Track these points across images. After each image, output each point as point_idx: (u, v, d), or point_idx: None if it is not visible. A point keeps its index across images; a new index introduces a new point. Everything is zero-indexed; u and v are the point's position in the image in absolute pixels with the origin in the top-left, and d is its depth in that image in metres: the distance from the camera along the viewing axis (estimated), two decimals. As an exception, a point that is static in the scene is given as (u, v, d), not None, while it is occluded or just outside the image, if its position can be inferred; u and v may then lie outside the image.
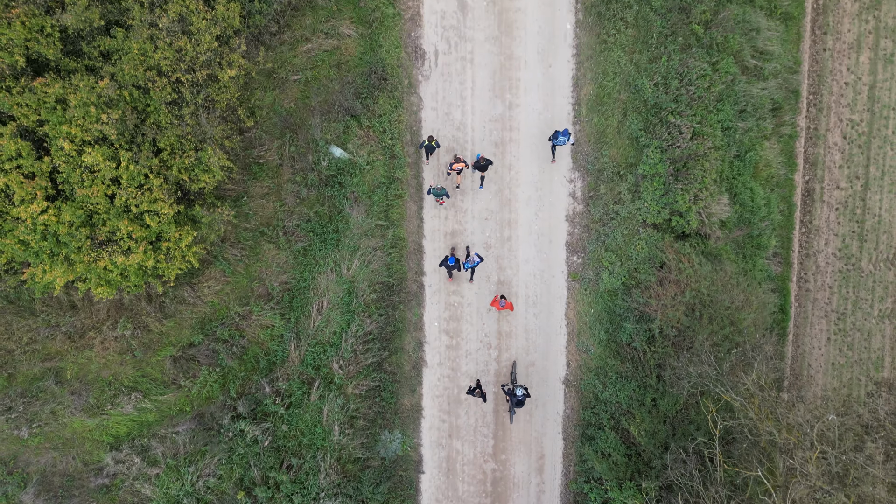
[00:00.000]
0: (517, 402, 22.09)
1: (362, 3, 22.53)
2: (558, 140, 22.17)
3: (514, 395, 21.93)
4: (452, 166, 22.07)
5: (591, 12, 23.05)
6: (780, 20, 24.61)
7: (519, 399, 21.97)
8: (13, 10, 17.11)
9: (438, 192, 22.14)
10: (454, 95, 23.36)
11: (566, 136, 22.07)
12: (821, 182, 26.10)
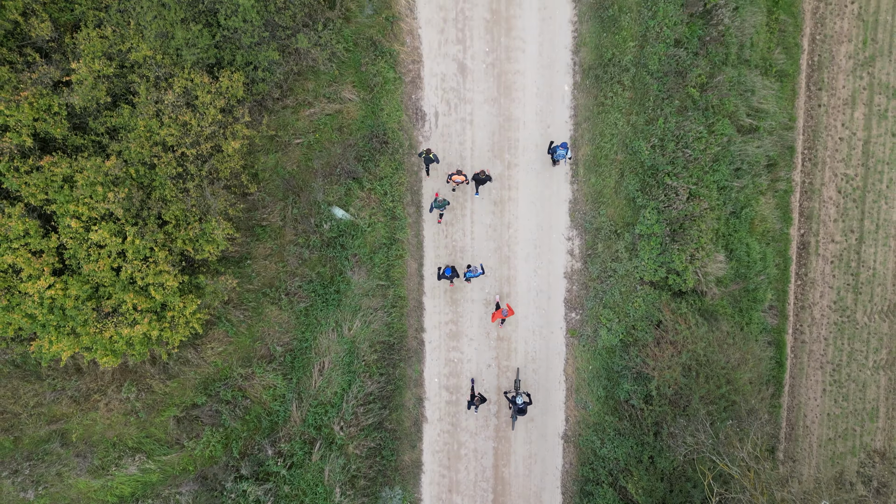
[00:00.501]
0: (519, 410, 22.24)
1: (364, 67, 22.88)
2: (557, 154, 22.49)
3: (515, 402, 22.09)
4: (452, 178, 22.33)
5: (589, 75, 23.41)
6: (775, 78, 24.97)
7: (520, 407, 22.11)
8: (22, 93, 17.46)
9: (440, 205, 22.44)
10: (454, 156, 23.70)
11: (564, 148, 22.31)
12: (816, 235, 26.44)
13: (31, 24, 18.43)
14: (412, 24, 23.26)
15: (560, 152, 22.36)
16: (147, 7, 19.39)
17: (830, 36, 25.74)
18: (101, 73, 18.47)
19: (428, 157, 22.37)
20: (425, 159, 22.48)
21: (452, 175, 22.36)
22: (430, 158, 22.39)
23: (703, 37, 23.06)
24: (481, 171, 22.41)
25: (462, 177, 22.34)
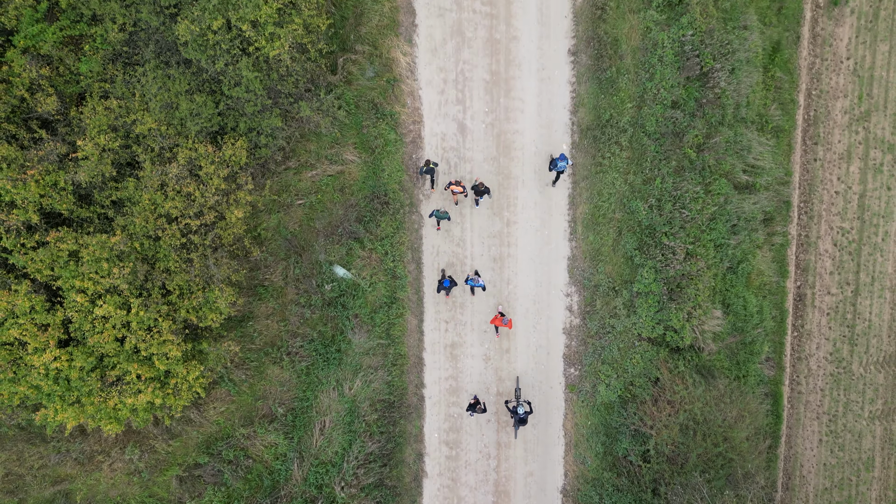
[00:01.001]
0: (520, 420, 22.43)
1: (365, 129, 23.17)
2: (558, 166, 22.65)
3: (516, 412, 22.27)
4: (451, 187, 22.48)
5: (587, 135, 23.71)
6: (771, 134, 25.26)
7: (521, 417, 22.30)
8: (28, 172, 17.74)
9: (441, 215, 22.66)
10: (454, 213, 23.97)
11: (564, 160, 22.50)
12: (812, 288, 26.70)
13: (37, 100, 18.72)
14: (413, 85, 23.56)
15: (561, 164, 22.50)
16: (152, 78, 19.70)
17: (826, 91, 26.05)
18: (106, 146, 18.74)
19: (430, 169, 22.49)
20: (427, 171, 22.55)
21: (451, 184, 22.47)
22: (431, 169, 22.52)
23: (700, 98, 23.36)
24: (480, 184, 22.55)
25: (460, 188, 22.45)
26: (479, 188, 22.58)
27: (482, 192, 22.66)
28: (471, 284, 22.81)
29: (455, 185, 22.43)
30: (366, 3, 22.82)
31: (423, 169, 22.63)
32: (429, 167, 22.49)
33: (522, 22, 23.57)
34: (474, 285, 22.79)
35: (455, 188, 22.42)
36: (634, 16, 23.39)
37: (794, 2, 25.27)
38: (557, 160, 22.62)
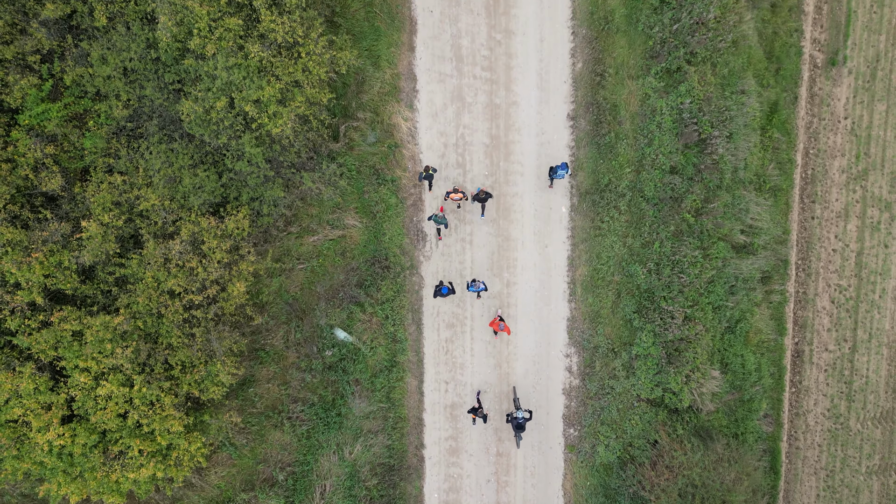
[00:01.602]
0: (518, 426, 22.51)
1: (367, 194, 23.36)
2: (557, 174, 22.71)
3: (515, 419, 22.37)
4: (451, 195, 22.48)
5: (586, 199, 23.90)
6: (769, 193, 25.45)
7: (520, 422, 22.37)
8: (33, 255, 17.91)
9: (439, 220, 22.64)
10: (454, 275, 24.15)
11: (564, 169, 22.57)
12: (810, 345, 26.87)
13: (41, 179, 18.91)
14: (413, 149, 23.76)
15: (560, 172, 22.53)
16: (156, 153, 19.90)
17: (824, 150, 26.25)
18: (110, 224, 18.92)
19: (429, 175, 22.48)
20: (427, 176, 22.53)
21: (451, 193, 22.44)
22: (430, 175, 22.50)
23: (699, 164, 23.54)
24: (481, 192, 22.57)
25: (460, 194, 22.41)
26: (481, 196, 22.56)
27: (484, 198, 22.60)
28: (472, 290, 22.79)
29: (454, 192, 22.34)
30: (367, 70, 23.03)
31: (422, 175, 22.55)
32: (428, 173, 22.40)
33: (522, 87, 23.78)
34: (476, 290, 22.75)
35: (454, 195, 22.32)
36: (633, 82, 23.60)
37: (792, 63, 25.50)
38: (558, 168, 22.59)
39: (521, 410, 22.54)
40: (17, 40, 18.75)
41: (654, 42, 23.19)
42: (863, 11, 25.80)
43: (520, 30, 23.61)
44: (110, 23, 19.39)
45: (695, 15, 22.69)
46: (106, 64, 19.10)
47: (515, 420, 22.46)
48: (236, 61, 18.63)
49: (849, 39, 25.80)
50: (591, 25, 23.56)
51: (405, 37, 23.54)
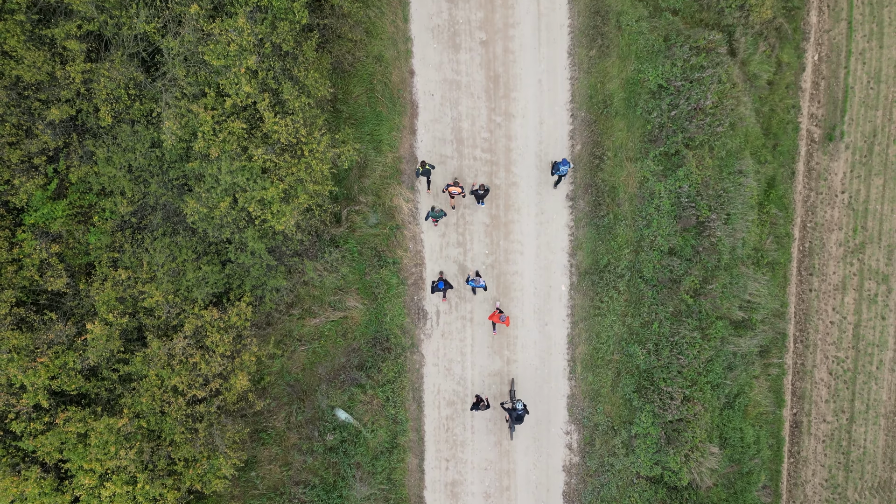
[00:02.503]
0: (517, 419, 22.59)
1: (368, 276, 23.58)
2: (560, 171, 22.73)
3: (513, 411, 22.47)
4: (449, 188, 22.51)
5: (585, 279, 24.11)
6: (767, 268, 25.66)
7: (518, 415, 22.47)
8: (39, 359, 18.12)
9: (437, 214, 22.68)
10: (455, 352, 24.36)
11: (566, 165, 22.57)
12: (808, 415, 27.05)
13: (46, 279, 19.13)
14: (415, 229, 23.99)
15: (563, 168, 22.55)
16: (160, 247, 20.12)
17: (821, 224, 26.49)
18: (114, 323, 19.13)
19: (426, 171, 22.50)
20: (423, 172, 22.55)
21: (449, 186, 22.47)
22: (427, 171, 22.53)
23: (697, 246, 23.77)
24: (480, 186, 22.62)
25: (458, 188, 22.43)
26: (479, 191, 22.59)
27: (482, 194, 22.66)
28: (472, 285, 22.85)
29: (453, 186, 22.35)
30: (369, 155, 23.28)
31: (419, 171, 22.57)
32: (425, 169, 22.41)
33: (521, 168, 24.02)
34: (475, 286, 22.81)
35: (453, 189, 22.34)
36: (632, 164, 23.84)
37: (790, 139, 25.76)
38: (560, 164, 22.59)
39: (518, 402, 22.50)
40: (24, 142, 18.98)
41: (652, 126, 23.45)
42: (860, 87, 26.07)
43: (519, 112, 23.87)
44: (115, 122, 19.63)
45: (692, 101, 22.95)
46: (111, 165, 19.33)
47: (515, 412, 22.47)
48: (240, 163, 18.87)
49: (846, 115, 26.06)
50: (589, 109, 23.81)
51: (406, 120, 23.79)
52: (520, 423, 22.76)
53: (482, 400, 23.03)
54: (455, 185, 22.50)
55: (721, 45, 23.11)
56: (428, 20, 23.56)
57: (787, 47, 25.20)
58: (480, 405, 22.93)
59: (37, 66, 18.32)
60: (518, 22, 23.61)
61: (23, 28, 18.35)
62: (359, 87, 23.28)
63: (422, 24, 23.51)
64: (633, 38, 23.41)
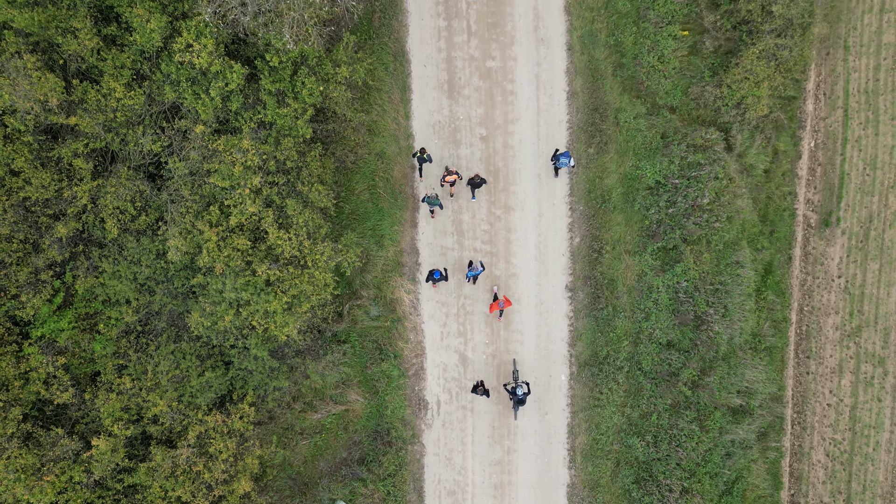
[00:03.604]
0: (519, 400, 22.73)
1: (369, 369, 23.84)
2: (560, 162, 22.77)
3: (515, 393, 22.57)
4: (445, 178, 22.55)
5: (585, 370, 24.37)
6: (764, 353, 25.91)
7: (520, 398, 22.61)
8: (45, 478, 18.37)
9: (433, 202, 22.66)
10: (455, 441, 24.59)
11: (567, 157, 22.64)
12: (806, 497, 27.26)
13: (53, 392, 19.39)
14: (415, 320, 24.27)
15: (563, 161, 22.60)
16: (164, 353, 20.39)
17: (818, 308, 26.76)
18: (119, 435, 19.38)
19: (422, 158, 22.56)
20: (419, 159, 22.64)
21: (445, 176, 22.50)
22: (423, 158, 22.58)
23: (695, 339, 24.04)
24: (476, 175, 22.68)
25: (454, 176, 22.44)
26: (475, 180, 22.62)
27: (478, 184, 22.68)
28: (470, 275, 22.97)
29: (449, 174, 22.34)
30: (371, 249, 23.57)
31: (415, 155, 22.59)
32: (422, 157, 22.47)
33: (521, 259, 24.32)
34: (474, 273, 22.88)
35: (449, 178, 22.35)
36: (630, 257, 24.13)
37: (786, 225, 26.05)
38: (561, 155, 22.61)
39: (521, 385, 22.66)
40: (31, 258, 19.27)
41: (650, 222, 23.76)
42: (856, 174, 26.39)
43: (518, 205, 24.18)
44: (121, 231, 19.93)
45: (690, 199, 23.26)
46: (117, 279, 19.62)
47: (516, 395, 22.62)
48: (244, 279, 19.15)
49: (842, 201, 26.36)
50: (588, 203, 24.13)
51: (408, 214, 24.10)
52: (522, 404, 22.78)
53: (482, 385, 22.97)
54: (450, 173, 22.39)
55: (718, 142, 23.45)
56: (429, 116, 23.91)
57: (783, 136, 25.52)
58: (478, 390, 22.89)
59: (44, 185, 18.62)
60: (517, 118, 23.95)
61: (30, 148, 18.67)
62: (361, 184, 23.60)
63: (423, 120, 23.85)
64: (632, 135, 23.74)
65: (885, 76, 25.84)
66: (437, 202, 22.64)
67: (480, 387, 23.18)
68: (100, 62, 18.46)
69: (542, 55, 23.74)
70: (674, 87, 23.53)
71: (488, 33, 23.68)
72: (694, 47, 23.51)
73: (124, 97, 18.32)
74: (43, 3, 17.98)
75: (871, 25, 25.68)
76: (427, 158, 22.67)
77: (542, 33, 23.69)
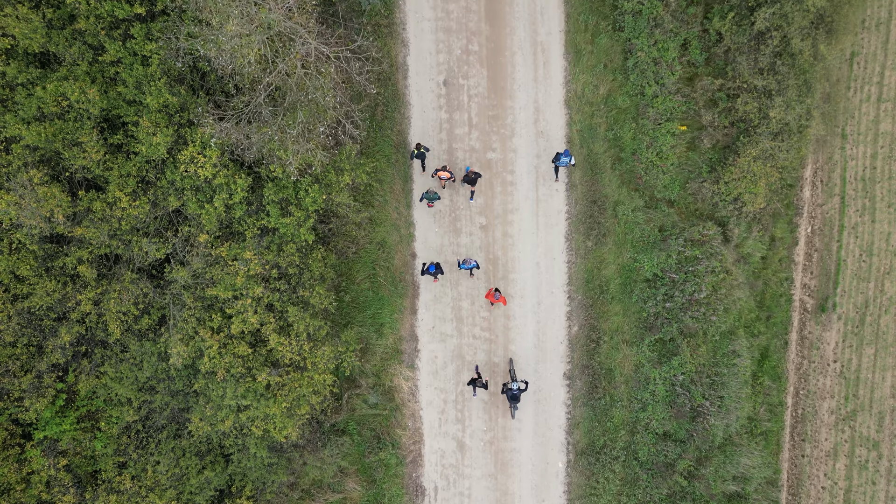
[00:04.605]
0: (513, 397, 22.69)
1: (368, 457, 24.01)
2: (560, 161, 22.77)
3: (510, 390, 22.53)
4: (438, 173, 22.50)
5: (582, 458, 24.54)
6: (760, 437, 26.09)
7: (514, 394, 22.56)
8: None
9: (431, 197, 22.71)
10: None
11: (567, 156, 22.61)
12: (801, 579, 27.40)
13: (54, 495, 19.56)
14: (414, 407, 24.46)
15: (563, 160, 22.59)
16: (165, 450, 20.57)
17: (814, 392, 26.95)
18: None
19: (419, 153, 22.54)
20: (418, 155, 22.60)
21: (438, 171, 22.46)
22: (421, 153, 22.57)
23: (691, 430, 24.22)
24: (470, 171, 22.66)
25: (448, 174, 22.42)
26: (470, 176, 22.61)
27: (473, 179, 22.65)
28: (463, 268, 22.99)
29: (442, 170, 22.36)
30: (371, 338, 23.79)
31: (413, 153, 22.66)
32: (419, 152, 22.49)
33: (519, 346, 24.53)
34: (467, 267, 22.91)
35: (442, 174, 22.35)
36: (628, 347, 24.34)
37: (783, 311, 26.27)
38: (562, 155, 22.58)
39: (517, 382, 22.70)
40: (35, 361, 19.49)
41: (647, 315, 23.98)
42: (852, 260, 26.64)
43: (517, 293, 24.40)
44: (124, 331, 20.15)
45: (687, 294, 23.50)
46: (119, 382, 19.83)
47: (511, 391, 22.63)
48: (245, 386, 19.36)
49: (838, 287, 26.60)
50: (586, 293, 24.36)
51: (408, 301, 24.33)
52: (517, 401, 22.80)
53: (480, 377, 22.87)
54: (443, 169, 22.42)
55: (716, 237, 23.69)
56: (430, 205, 24.15)
57: (780, 223, 25.76)
58: (478, 382, 22.83)
59: (48, 292, 18.85)
60: (517, 208, 24.21)
61: (35, 256, 18.92)
62: (362, 272, 23.84)
63: (424, 209, 24.10)
64: (630, 228, 24.00)
65: (882, 164, 26.14)
66: (436, 196, 22.67)
67: (479, 379, 22.96)
68: (105, 171, 18.73)
69: (542, 147, 24.03)
70: (672, 182, 23.80)
71: (489, 126, 23.97)
72: (692, 143, 23.79)
73: (129, 207, 18.57)
74: (51, 117, 18.26)
75: (869, 114, 25.99)
76: (425, 150, 22.55)
77: (542, 126, 23.98)
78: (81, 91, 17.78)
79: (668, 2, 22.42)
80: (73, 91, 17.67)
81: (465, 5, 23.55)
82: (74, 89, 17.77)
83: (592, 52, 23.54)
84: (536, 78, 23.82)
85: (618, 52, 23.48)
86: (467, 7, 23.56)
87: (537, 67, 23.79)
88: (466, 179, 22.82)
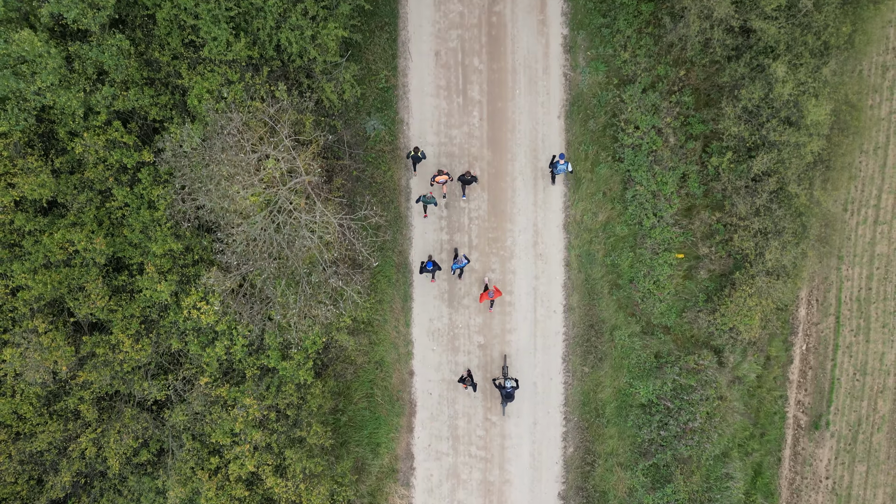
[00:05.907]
0: (507, 395, 22.68)
1: (361, 575, 24.14)
2: (558, 168, 22.72)
3: (503, 388, 22.50)
4: (436, 178, 22.55)
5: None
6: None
7: (508, 392, 22.55)
8: None
9: (428, 201, 22.76)
10: None
11: (565, 162, 22.51)
12: None
13: None
14: None
15: (561, 166, 22.56)
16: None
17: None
18: None
19: (416, 156, 22.67)
20: (414, 158, 22.74)
21: (436, 176, 22.51)
22: (417, 157, 22.69)
23: (683, 555, 24.37)
24: (466, 172, 22.74)
25: (445, 176, 22.48)
26: (466, 177, 22.65)
27: (469, 180, 22.71)
28: (456, 267, 23.02)
29: (439, 175, 22.37)
30: (367, 458, 23.97)
31: (409, 155, 22.73)
32: (416, 155, 22.57)
33: (515, 466, 24.70)
34: (460, 266, 22.91)
35: (439, 178, 22.38)
36: (622, 470, 24.52)
37: (776, 428, 26.45)
38: (558, 160, 22.54)
39: (510, 380, 22.70)
40: (35, 497, 19.66)
41: (642, 440, 24.17)
42: (846, 379, 26.86)
43: (514, 412, 24.59)
44: (122, 466, 20.34)
45: (681, 422, 23.70)
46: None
47: (504, 389, 22.67)
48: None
49: (832, 405, 26.81)
50: (582, 415, 24.56)
51: (404, 420, 24.52)
52: (510, 399, 22.84)
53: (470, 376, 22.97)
54: (441, 173, 22.46)
55: (711, 365, 23.92)
56: (429, 324, 24.42)
57: (775, 342, 25.99)
58: (465, 381, 22.88)
59: (50, 432, 19.06)
60: (515, 328, 24.46)
61: (38, 397, 19.14)
62: (359, 392, 24.04)
63: (423, 327, 24.36)
64: (626, 353, 24.24)
65: (878, 285, 26.43)
66: (433, 200, 22.81)
67: (469, 378, 23.01)
68: (109, 314, 18.98)
69: (541, 269, 24.31)
70: (668, 310, 24.06)
71: (489, 247, 24.26)
72: (689, 272, 24.08)
73: (132, 350, 18.82)
74: (57, 264, 18.53)
75: (865, 237, 26.31)
76: (421, 156, 22.76)
77: (541, 249, 24.28)
78: (89, 239, 18.06)
79: (668, 138, 22.77)
80: (80, 239, 17.96)
81: (468, 131, 23.90)
82: (81, 237, 18.07)
83: (592, 181, 23.87)
84: (536, 202, 24.14)
85: (617, 182, 23.81)
86: (470, 133, 23.91)
87: (537, 192, 24.12)
88: (462, 179, 22.85)
